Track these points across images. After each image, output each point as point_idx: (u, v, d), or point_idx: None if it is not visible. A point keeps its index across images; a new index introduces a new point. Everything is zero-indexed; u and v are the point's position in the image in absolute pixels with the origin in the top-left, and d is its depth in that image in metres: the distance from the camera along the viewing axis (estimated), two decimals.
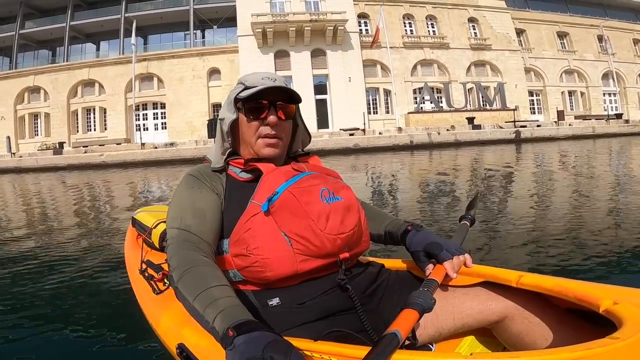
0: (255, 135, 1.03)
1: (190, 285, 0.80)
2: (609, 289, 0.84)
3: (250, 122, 1.03)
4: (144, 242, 1.63)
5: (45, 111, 30.48)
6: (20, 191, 10.91)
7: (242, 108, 1.03)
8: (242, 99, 1.02)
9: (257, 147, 1.03)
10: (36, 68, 31.10)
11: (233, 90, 1.08)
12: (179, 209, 0.96)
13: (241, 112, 1.04)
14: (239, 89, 1.05)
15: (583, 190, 5.54)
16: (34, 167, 19.61)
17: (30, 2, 32.22)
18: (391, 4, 30.34)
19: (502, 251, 2.89)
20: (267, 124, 1.02)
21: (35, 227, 5.12)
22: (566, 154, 12.56)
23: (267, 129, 1.02)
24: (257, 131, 1.03)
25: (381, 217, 1.21)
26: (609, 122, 24.83)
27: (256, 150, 1.04)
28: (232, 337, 0.65)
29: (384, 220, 1.19)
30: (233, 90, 1.08)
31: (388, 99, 29.35)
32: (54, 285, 2.62)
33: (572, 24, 35.40)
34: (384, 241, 1.20)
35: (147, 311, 1.19)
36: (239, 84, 1.07)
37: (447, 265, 0.96)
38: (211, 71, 29.31)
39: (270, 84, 1.01)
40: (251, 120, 1.02)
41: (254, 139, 1.03)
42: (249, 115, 1.02)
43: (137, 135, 26.95)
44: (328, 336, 0.83)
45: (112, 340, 1.80)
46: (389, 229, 1.16)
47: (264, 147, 1.03)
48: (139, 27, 27.61)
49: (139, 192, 8.84)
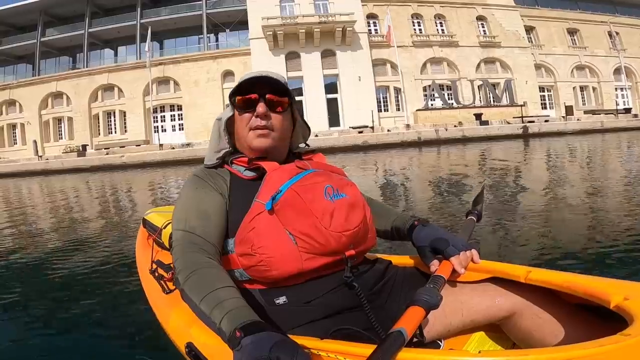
0: (247, 128, 1.04)
1: (197, 287, 0.81)
2: (619, 285, 0.82)
3: (241, 114, 1.05)
4: (154, 242, 1.65)
5: (68, 115, 31.58)
6: (47, 191, 11.30)
7: (234, 103, 1.06)
8: (233, 94, 1.05)
9: (249, 140, 1.04)
10: (58, 74, 32.26)
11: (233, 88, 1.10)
12: (183, 210, 0.97)
13: (235, 107, 1.07)
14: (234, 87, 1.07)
15: (593, 184, 5.43)
16: (60, 169, 20.50)
17: (50, 10, 33.40)
18: (399, 4, 30.73)
19: (510, 246, 2.85)
20: (256, 115, 1.03)
21: (55, 226, 5.29)
22: (574, 149, 12.52)
23: (257, 121, 1.03)
24: (248, 123, 1.04)
25: (388, 213, 1.21)
26: (618, 116, 24.75)
27: (248, 142, 1.05)
28: (240, 337, 0.66)
29: (390, 216, 1.19)
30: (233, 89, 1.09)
31: (399, 97, 29.68)
32: (66, 282, 2.71)
33: (582, 20, 35.24)
34: (390, 237, 1.20)
35: (156, 310, 1.20)
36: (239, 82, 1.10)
37: (454, 261, 0.96)
38: (225, 73, 29.97)
39: (256, 74, 1.04)
40: (242, 113, 1.05)
41: (246, 132, 1.05)
42: (239, 108, 1.05)
43: (155, 136, 28.06)
44: (335, 334, 0.84)
45: (122, 338, 1.84)
46: (395, 224, 1.16)
47: (255, 138, 1.04)
48: (154, 32, 28.54)
49: (157, 192, 9.00)
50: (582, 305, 0.90)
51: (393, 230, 1.17)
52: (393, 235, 1.18)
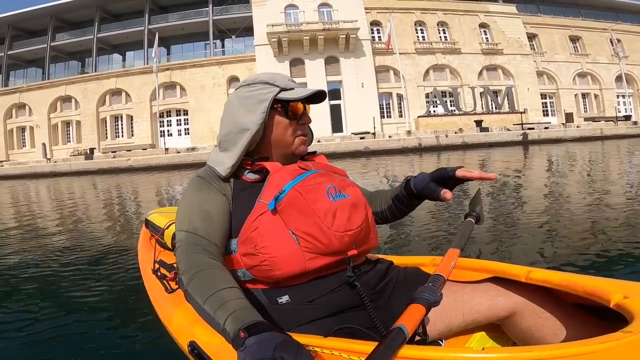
0: (294, 136, 1.05)
1: (200, 288, 0.81)
2: (618, 284, 0.83)
3: (291, 123, 1.05)
4: (156, 242, 1.65)
5: (76, 119, 32.09)
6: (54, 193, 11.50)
7: (281, 109, 1.03)
8: (285, 100, 1.03)
9: (294, 146, 1.06)
10: (67, 78, 32.83)
11: (258, 90, 1.03)
12: (187, 211, 0.97)
13: (277, 113, 1.04)
14: (272, 90, 1.02)
15: (592, 187, 5.50)
16: (68, 171, 20.96)
17: (60, 15, 34.04)
18: (403, 12, 31.11)
19: (510, 246, 2.88)
20: (302, 123, 1.06)
21: (60, 226, 5.36)
22: (573, 155, 12.70)
23: (304, 128, 1.07)
24: (296, 132, 1.05)
25: (384, 192, 1.22)
26: (617, 123, 24.86)
27: (293, 149, 1.06)
28: (243, 338, 0.66)
29: (387, 193, 1.20)
30: (260, 91, 1.03)
31: (401, 103, 29.95)
32: (70, 282, 2.73)
33: (584, 28, 35.50)
34: (391, 215, 1.19)
35: (159, 310, 1.20)
36: (265, 85, 1.04)
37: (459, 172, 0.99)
38: (230, 79, 30.33)
39: (308, 88, 1.06)
40: (293, 121, 1.05)
41: (292, 139, 1.05)
42: (291, 116, 1.04)
43: (161, 140, 28.29)
44: (338, 333, 0.85)
45: (126, 337, 1.86)
46: (393, 194, 1.16)
47: (300, 145, 1.06)
48: (162, 38, 28.97)
49: (162, 194, 9.12)
50: (582, 304, 0.91)
51: (393, 201, 1.16)
52: (395, 206, 1.16)
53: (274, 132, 1.04)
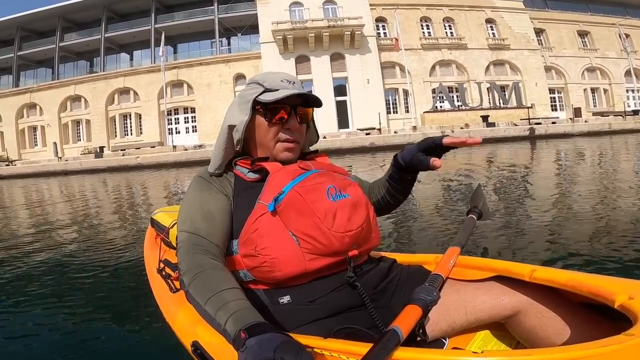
0: (275, 140, 1.03)
1: (201, 289, 0.81)
2: (624, 283, 0.82)
3: (271, 126, 1.02)
4: (162, 241, 1.65)
5: (86, 118, 32.46)
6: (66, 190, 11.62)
7: (263, 110, 1.02)
8: (264, 102, 1.00)
9: (275, 152, 1.03)
10: (76, 78, 33.19)
11: (248, 90, 1.05)
12: (188, 212, 0.97)
13: (259, 114, 1.03)
14: (257, 90, 1.02)
15: (599, 184, 5.41)
16: (79, 169, 21.26)
17: (68, 16, 34.34)
18: (408, 8, 30.99)
19: (514, 245, 2.84)
20: (287, 128, 1.02)
21: (69, 223, 5.40)
22: (581, 150, 12.52)
23: (287, 134, 1.03)
24: (277, 135, 1.02)
25: (379, 179, 1.20)
26: (626, 118, 24.56)
27: (275, 154, 1.03)
28: (244, 339, 0.66)
29: (382, 179, 1.18)
30: (249, 91, 1.04)
31: (408, 99, 29.90)
32: (76, 280, 2.75)
33: (592, 23, 35.06)
34: (390, 198, 1.17)
35: (164, 309, 1.20)
36: (256, 84, 1.05)
37: (446, 140, 0.96)
38: (237, 76, 30.50)
39: (294, 89, 1.02)
40: (272, 124, 1.02)
41: (273, 143, 1.03)
42: (270, 119, 1.01)
43: (169, 138, 28.61)
44: (339, 333, 0.84)
45: (129, 335, 1.87)
46: (387, 176, 1.14)
47: (283, 151, 1.03)
48: (168, 36, 29.21)
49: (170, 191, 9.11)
50: (586, 304, 0.90)
51: (389, 182, 1.13)
52: (392, 186, 1.14)
53: (257, 133, 1.05)
